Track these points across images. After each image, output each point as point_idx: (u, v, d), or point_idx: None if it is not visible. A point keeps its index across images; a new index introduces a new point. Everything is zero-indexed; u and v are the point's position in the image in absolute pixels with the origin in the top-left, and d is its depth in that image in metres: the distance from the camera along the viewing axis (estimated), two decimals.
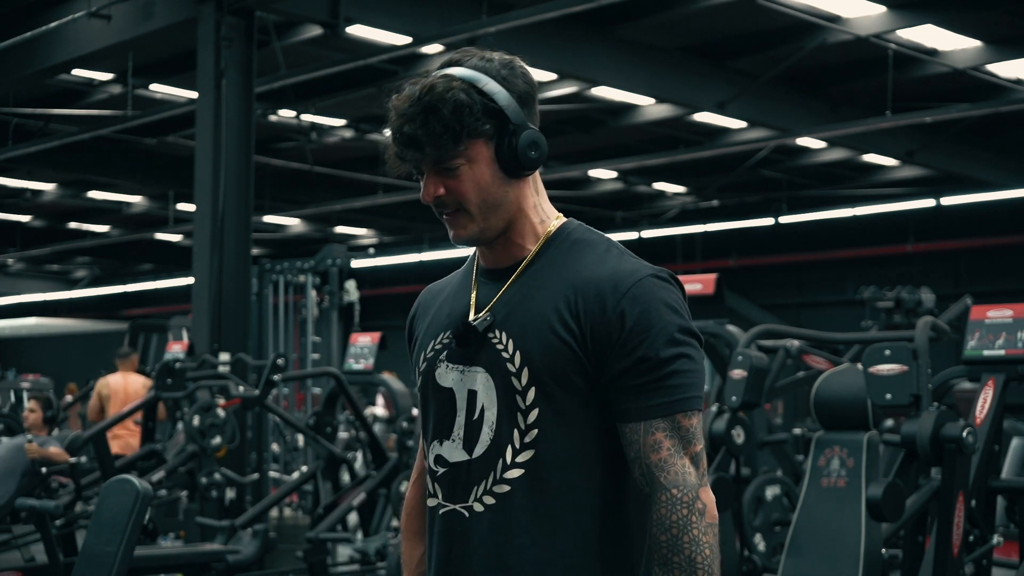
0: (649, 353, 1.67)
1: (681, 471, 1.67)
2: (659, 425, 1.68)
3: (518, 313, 1.74)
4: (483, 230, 1.76)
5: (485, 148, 1.73)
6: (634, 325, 1.68)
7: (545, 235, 1.79)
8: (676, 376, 1.68)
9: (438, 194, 1.74)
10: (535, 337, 1.71)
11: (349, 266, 10.27)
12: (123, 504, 2.68)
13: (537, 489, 1.70)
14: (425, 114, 1.69)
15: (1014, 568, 4.61)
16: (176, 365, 7.42)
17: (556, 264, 1.77)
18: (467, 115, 1.69)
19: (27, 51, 9.63)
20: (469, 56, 1.77)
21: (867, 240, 16.86)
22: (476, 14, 8.77)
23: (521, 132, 1.73)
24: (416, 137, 1.70)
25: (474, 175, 1.73)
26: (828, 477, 4.32)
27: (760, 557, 5.24)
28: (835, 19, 9.81)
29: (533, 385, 1.71)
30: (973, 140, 13.87)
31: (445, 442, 1.78)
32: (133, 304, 25.20)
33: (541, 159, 1.75)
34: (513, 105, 1.73)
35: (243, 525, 6.05)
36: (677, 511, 1.65)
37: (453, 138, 1.70)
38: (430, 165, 1.73)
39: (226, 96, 8.36)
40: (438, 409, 1.80)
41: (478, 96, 1.71)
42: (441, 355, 1.81)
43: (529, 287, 1.76)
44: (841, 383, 4.42)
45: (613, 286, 1.70)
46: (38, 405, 7.28)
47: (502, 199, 1.75)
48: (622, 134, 13.80)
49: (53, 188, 17.15)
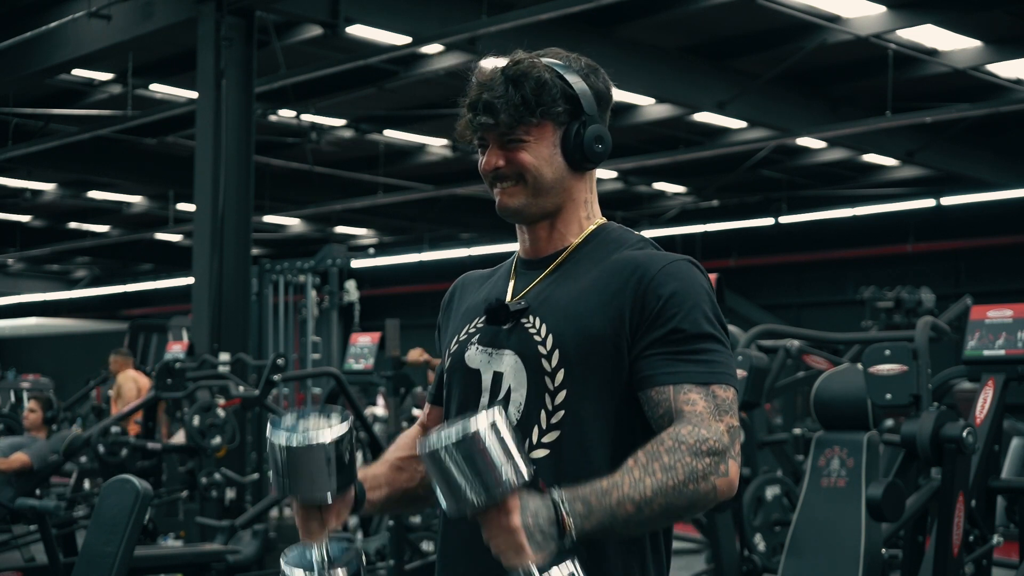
0: (684, 324, 1.68)
1: (716, 428, 1.61)
2: (694, 389, 1.65)
3: (553, 298, 1.77)
4: (528, 204, 1.79)
5: (553, 132, 1.78)
6: (671, 296, 1.69)
7: (588, 231, 1.83)
8: (710, 352, 1.68)
9: (499, 165, 1.77)
10: (568, 320, 1.73)
11: (349, 266, 10.28)
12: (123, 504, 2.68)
13: (560, 470, 1.70)
14: (507, 84, 1.74)
15: (1014, 568, 4.62)
16: (176, 365, 7.42)
17: (593, 257, 1.80)
18: (546, 93, 1.75)
19: (27, 51, 9.63)
20: (557, 53, 1.83)
21: (867, 240, 16.85)
22: (476, 14, 8.77)
23: (591, 123, 1.79)
24: (493, 104, 1.74)
25: (538, 151, 1.77)
26: (828, 477, 4.32)
27: (760, 557, 5.24)
28: (835, 19, 9.81)
29: (563, 367, 1.72)
30: (973, 140, 13.87)
31: None
32: (133, 304, 25.20)
33: (604, 155, 1.81)
34: (590, 96, 1.80)
35: (243, 525, 6.04)
36: (701, 441, 1.58)
37: (529, 110, 1.74)
38: (499, 134, 1.77)
39: (226, 96, 8.36)
40: (464, 390, 1.82)
41: (559, 80, 1.77)
42: (473, 338, 1.83)
43: (566, 277, 1.79)
44: (841, 383, 4.42)
45: (651, 263, 1.74)
46: (38, 405, 7.30)
47: (556, 184, 1.79)
48: (622, 134, 13.80)
49: (53, 188, 17.15)
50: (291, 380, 8.88)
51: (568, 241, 1.82)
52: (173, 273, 22.98)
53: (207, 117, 8.43)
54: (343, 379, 6.84)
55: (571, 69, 1.80)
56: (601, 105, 1.83)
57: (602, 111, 1.83)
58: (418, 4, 9.24)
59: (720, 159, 14.12)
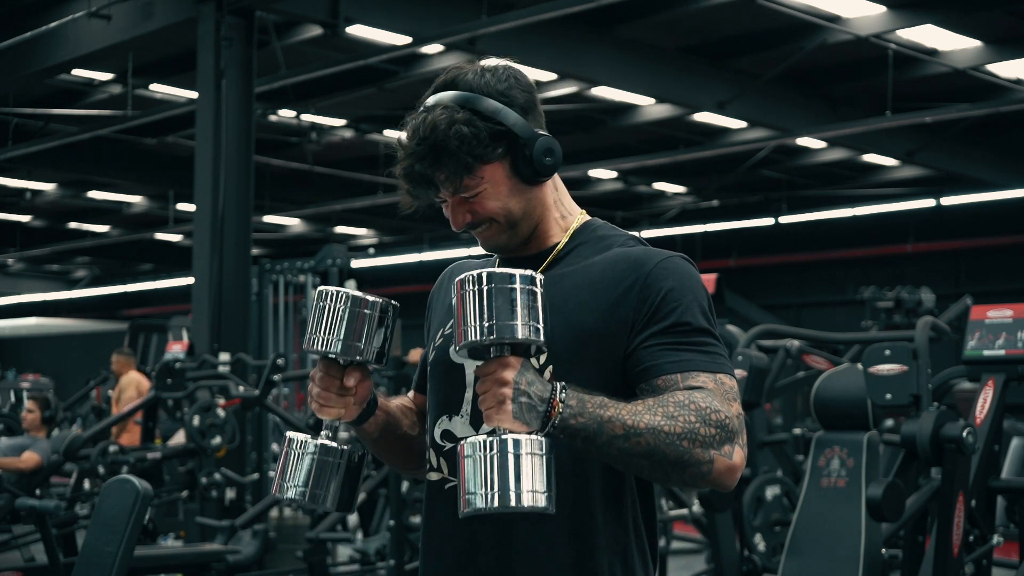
0: (685, 318, 1.67)
1: (727, 411, 1.60)
2: (701, 375, 1.64)
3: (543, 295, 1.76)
4: (511, 237, 1.78)
5: (500, 167, 1.73)
6: (670, 291, 1.69)
7: (572, 228, 1.82)
8: (711, 346, 1.68)
9: (467, 220, 1.76)
10: (557, 316, 1.69)
11: (349, 266, 10.25)
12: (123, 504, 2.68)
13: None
14: (434, 153, 1.69)
15: (1014, 568, 4.62)
16: (176, 365, 7.41)
17: (581, 255, 1.78)
18: (476, 146, 1.69)
19: (27, 51, 9.63)
20: (462, 75, 1.75)
21: (867, 240, 16.85)
22: (476, 14, 8.77)
23: (533, 143, 1.73)
24: (427, 176, 1.71)
25: (495, 193, 1.74)
26: (828, 477, 4.32)
27: (760, 557, 5.24)
28: (835, 19, 9.81)
29: (550, 364, 1.70)
30: (973, 140, 13.87)
31: (454, 417, 1.78)
32: (133, 304, 25.19)
33: (558, 162, 1.76)
34: (519, 121, 1.72)
35: (243, 525, 6.05)
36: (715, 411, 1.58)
37: (466, 170, 1.70)
38: (447, 196, 1.75)
39: (226, 96, 8.35)
40: (448, 386, 1.80)
41: (482, 123, 1.70)
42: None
43: (558, 274, 1.77)
44: (841, 383, 4.42)
45: (647, 258, 1.73)
46: (36, 405, 7.30)
47: (526, 207, 1.77)
48: (622, 134, 13.80)
49: (53, 188, 17.15)
50: (291, 380, 8.87)
51: (551, 240, 1.81)
52: (173, 273, 22.97)
53: (207, 117, 8.43)
54: None
55: (486, 96, 1.71)
56: (530, 114, 1.76)
57: (533, 116, 1.76)
58: (418, 4, 9.24)
59: (720, 159, 14.12)
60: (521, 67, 1.81)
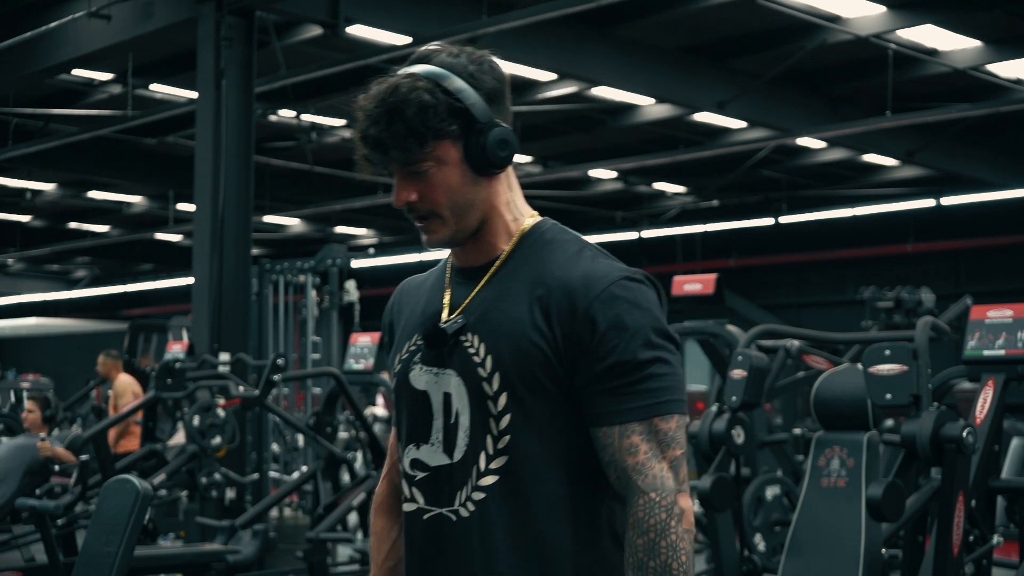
0: (624, 357, 1.64)
1: (659, 475, 1.63)
2: (635, 428, 1.64)
3: (490, 316, 1.71)
4: (456, 232, 1.73)
5: (453, 148, 1.69)
6: (607, 329, 1.64)
7: (519, 233, 1.76)
8: (653, 379, 1.65)
9: (410, 199, 1.71)
10: (507, 341, 1.68)
11: (349, 266, 10.27)
12: (123, 504, 2.68)
13: (511, 496, 1.68)
14: (389, 116, 1.65)
15: (1014, 568, 4.61)
16: (176, 365, 7.41)
17: (529, 264, 1.73)
18: (432, 116, 1.66)
19: (27, 51, 9.63)
20: (437, 53, 1.72)
21: (867, 240, 16.86)
22: (476, 14, 8.77)
23: (489, 131, 1.69)
24: (381, 140, 1.67)
25: (444, 177, 1.70)
26: (828, 477, 4.32)
27: (760, 557, 5.24)
28: (835, 19, 9.81)
29: (505, 390, 1.67)
30: (973, 140, 13.87)
31: (423, 446, 1.75)
32: (133, 304, 25.19)
33: (511, 157, 1.72)
34: (480, 104, 1.69)
35: (243, 525, 6.05)
36: (655, 515, 1.61)
37: (418, 140, 1.66)
38: (398, 167, 1.70)
39: (226, 96, 8.35)
40: (413, 412, 1.77)
41: (443, 96, 1.67)
42: (415, 356, 1.78)
43: (502, 288, 1.73)
44: (841, 383, 4.42)
45: (585, 288, 1.66)
46: (36, 405, 7.29)
47: (473, 199, 1.72)
48: (622, 134, 13.80)
49: (53, 188, 17.15)
50: (291, 380, 8.87)
51: (500, 248, 1.75)
52: (173, 273, 22.98)
53: (207, 117, 8.43)
54: (343, 379, 6.84)
55: (455, 75, 1.69)
56: (495, 103, 1.71)
57: (497, 105, 1.72)
58: (418, 4, 9.24)
59: (720, 159, 14.12)
60: (521, 67, 1.80)
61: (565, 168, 14.52)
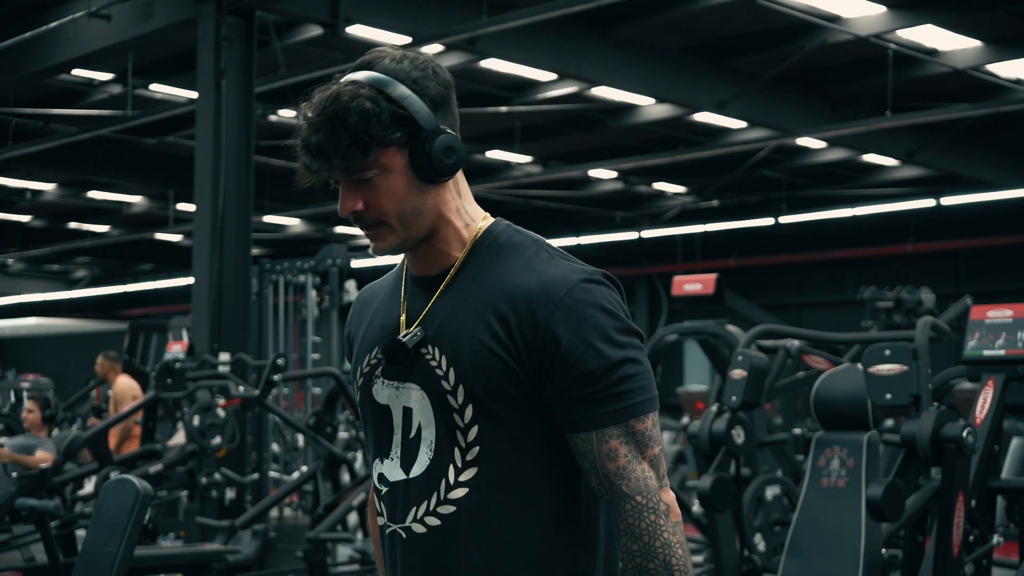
0: (591, 365, 1.62)
1: (641, 476, 1.64)
2: (613, 432, 1.64)
3: (449, 327, 1.69)
4: (403, 240, 1.71)
5: (398, 156, 1.67)
6: (571, 338, 1.62)
7: (471, 240, 1.73)
8: (624, 382, 1.64)
9: (356, 208, 1.68)
10: (468, 353, 1.66)
11: (349, 266, 10.27)
12: (123, 504, 2.68)
13: (484, 507, 1.67)
14: (332, 124, 1.63)
15: (1014, 568, 4.62)
16: (176, 365, 7.41)
17: (484, 271, 1.71)
18: (374, 124, 1.63)
19: (27, 51, 9.62)
20: (380, 58, 1.70)
21: (867, 240, 16.86)
22: (476, 14, 8.77)
23: (435, 138, 1.66)
24: (323, 148, 1.64)
25: (389, 185, 1.67)
26: (828, 477, 4.32)
27: (760, 557, 5.24)
28: (835, 19, 9.81)
29: (470, 403, 1.66)
30: (973, 140, 13.87)
31: (385, 460, 1.75)
32: (133, 304, 25.20)
33: (458, 164, 1.70)
34: (424, 111, 1.66)
35: (243, 525, 6.05)
36: (645, 518, 1.63)
37: (361, 149, 1.64)
38: (341, 176, 1.68)
39: (226, 96, 8.35)
40: (376, 427, 1.77)
41: (386, 103, 1.64)
42: (376, 370, 1.77)
43: (459, 298, 1.70)
44: (841, 383, 4.42)
45: (545, 296, 1.64)
46: (36, 405, 7.30)
47: (420, 207, 1.69)
48: (622, 134, 13.80)
49: (53, 188, 17.15)
50: (291, 380, 8.87)
51: (453, 256, 1.73)
52: (173, 273, 22.98)
53: (207, 117, 8.43)
54: (343, 379, 6.85)
55: (397, 81, 1.66)
56: (440, 109, 1.69)
57: (443, 113, 1.70)
58: (418, 4, 9.24)
59: (720, 159, 14.12)
60: (521, 67, 1.80)
61: (565, 168, 14.52)
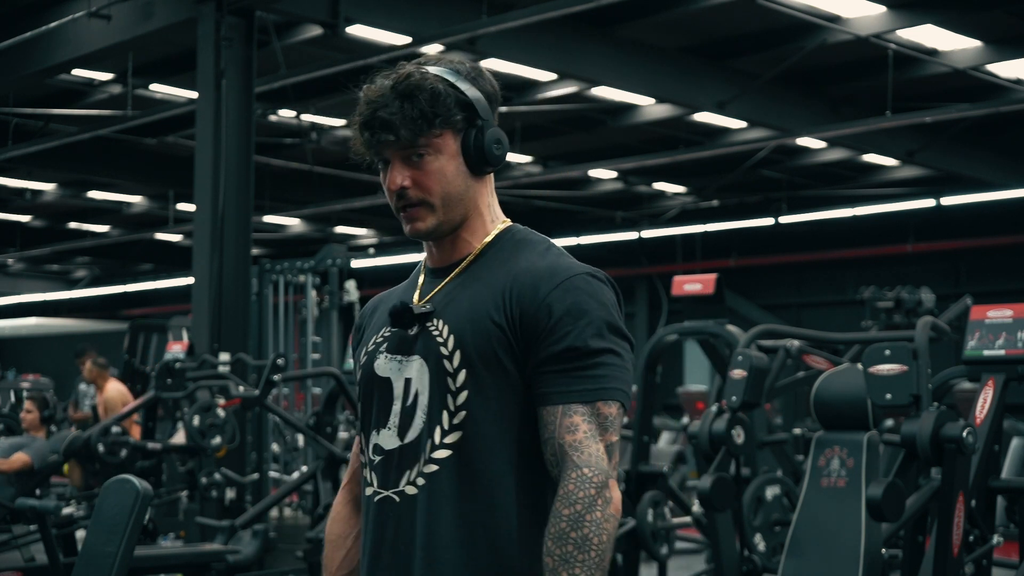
0: (577, 342, 1.71)
1: (595, 454, 1.68)
2: (579, 409, 1.70)
3: (456, 302, 1.80)
4: (441, 223, 1.83)
5: (452, 141, 1.80)
6: (564, 314, 1.72)
7: (492, 234, 1.86)
8: (602, 367, 1.71)
9: (404, 184, 1.80)
10: (469, 321, 1.76)
11: (349, 266, 10.25)
12: (123, 504, 2.68)
13: (463, 470, 1.74)
14: (401, 100, 1.76)
15: (1014, 568, 4.61)
16: (176, 365, 7.41)
17: (498, 260, 1.82)
18: (441, 103, 1.77)
19: (27, 51, 9.62)
20: (441, 59, 1.85)
21: (867, 240, 16.85)
22: (476, 14, 8.77)
23: (488, 128, 1.81)
24: (391, 122, 1.77)
25: (440, 166, 1.80)
26: (828, 477, 4.32)
27: (760, 557, 5.24)
28: (835, 19, 9.80)
29: (464, 367, 1.75)
30: (973, 140, 13.87)
31: (383, 431, 1.81)
32: (133, 304, 25.19)
33: (504, 156, 1.83)
34: (483, 102, 1.82)
35: (243, 525, 6.05)
36: (585, 489, 1.66)
37: (428, 122, 1.76)
38: (399, 150, 1.79)
39: (226, 96, 8.35)
40: (378, 399, 1.84)
41: (451, 89, 1.79)
42: (381, 347, 1.86)
43: (470, 279, 1.82)
44: (841, 383, 4.42)
45: (549, 276, 1.75)
46: (34, 405, 7.30)
47: (463, 194, 1.82)
48: (622, 134, 13.80)
49: (53, 188, 17.15)
50: (291, 380, 8.87)
51: (473, 247, 1.85)
52: (173, 273, 22.97)
53: (207, 117, 8.43)
54: (343, 379, 6.84)
55: (460, 76, 1.82)
56: (492, 107, 1.85)
57: (494, 111, 1.86)
58: (418, 4, 9.23)
59: (720, 159, 14.11)
60: (521, 67, 1.88)
61: (565, 168, 14.52)
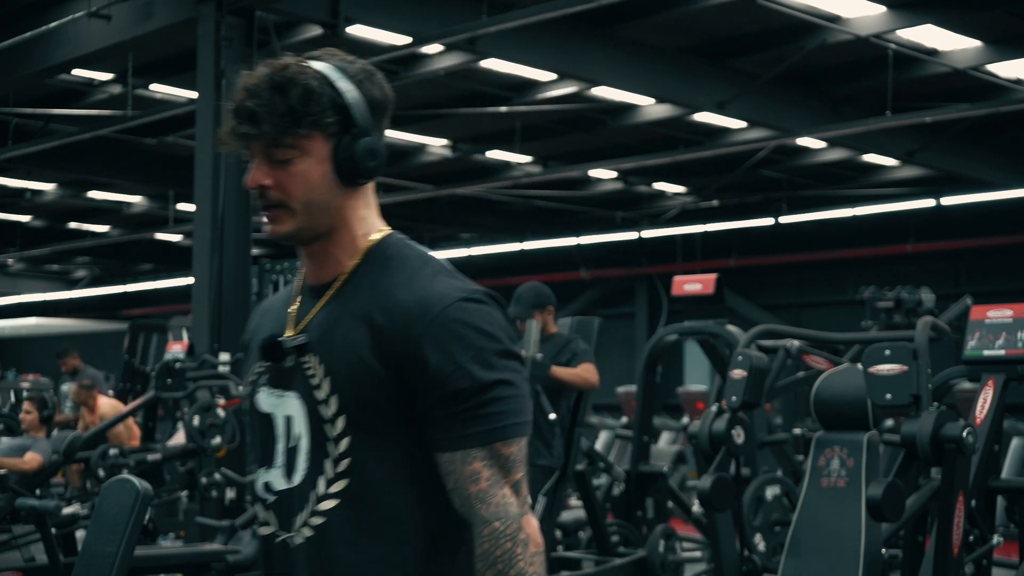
0: (462, 384, 1.60)
1: (502, 502, 1.61)
2: (477, 455, 1.61)
3: (329, 337, 1.68)
4: (300, 229, 1.70)
5: (323, 145, 1.67)
6: (441, 359, 1.60)
7: (363, 250, 1.72)
8: (494, 404, 1.61)
9: (264, 183, 1.68)
10: (344, 364, 1.65)
11: None
12: (123, 504, 2.68)
13: (354, 520, 1.65)
14: (272, 92, 1.64)
15: (1014, 568, 4.62)
16: (176, 365, 7.41)
17: (369, 282, 1.70)
18: (313, 103, 1.64)
19: (27, 51, 9.63)
20: (333, 55, 1.72)
21: (867, 240, 16.85)
22: (476, 14, 8.77)
23: (362, 136, 1.67)
24: (256, 113, 1.64)
25: (305, 171, 1.67)
26: (828, 477, 4.32)
27: (760, 557, 5.24)
28: (835, 19, 9.81)
29: (343, 414, 1.65)
30: (973, 140, 13.87)
31: (271, 469, 1.75)
32: (133, 304, 25.19)
33: (377, 170, 1.70)
34: (362, 108, 1.68)
35: (243, 525, 6.04)
36: (501, 545, 1.60)
37: (295, 121, 1.64)
38: (264, 145, 1.67)
39: (226, 96, 8.35)
40: (262, 436, 1.76)
41: (329, 89, 1.66)
42: (261, 379, 1.77)
43: (342, 308, 1.69)
44: (841, 383, 4.42)
45: (422, 312, 1.62)
46: (33, 406, 7.31)
47: (328, 204, 1.69)
48: (622, 134, 13.80)
49: (53, 188, 17.15)
50: None
51: (344, 265, 1.72)
52: (173, 273, 22.97)
53: (207, 117, 8.44)
54: None
55: (344, 75, 1.68)
56: (376, 113, 1.71)
57: (378, 119, 1.72)
58: (418, 4, 9.24)
59: (720, 159, 14.12)
60: (521, 67, 1.81)
61: (565, 168, 14.52)
